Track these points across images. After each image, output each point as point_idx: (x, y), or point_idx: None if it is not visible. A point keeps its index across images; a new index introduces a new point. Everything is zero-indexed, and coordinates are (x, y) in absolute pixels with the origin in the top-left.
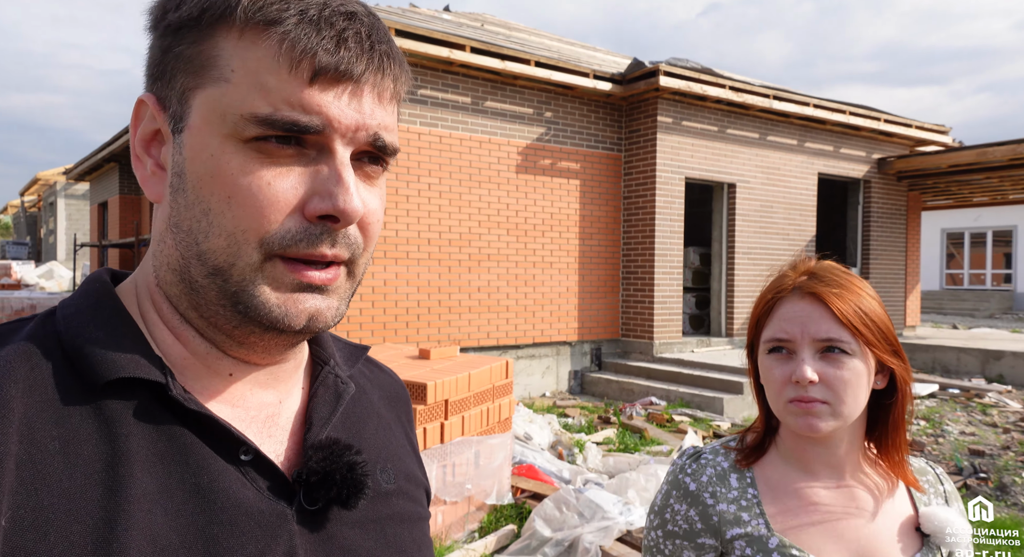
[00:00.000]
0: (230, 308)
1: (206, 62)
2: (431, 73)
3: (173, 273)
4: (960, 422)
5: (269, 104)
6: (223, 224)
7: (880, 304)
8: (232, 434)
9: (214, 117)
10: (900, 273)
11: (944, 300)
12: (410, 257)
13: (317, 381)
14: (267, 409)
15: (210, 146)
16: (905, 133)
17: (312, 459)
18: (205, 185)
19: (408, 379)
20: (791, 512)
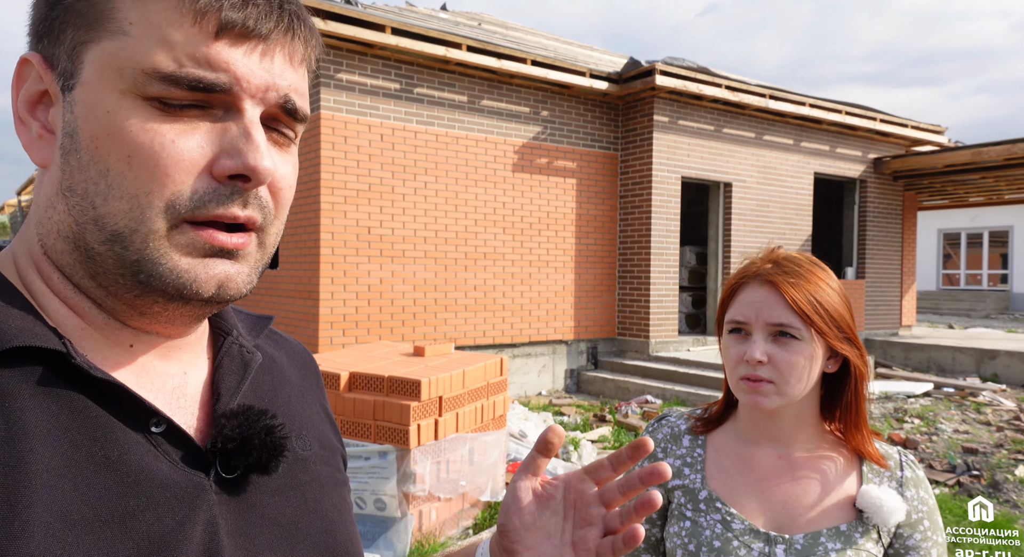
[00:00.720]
0: (129, 277)
1: (101, 14)
2: (428, 72)
3: (66, 241)
4: (954, 420)
5: (173, 60)
6: (123, 186)
7: (840, 294)
8: (143, 404)
9: (110, 72)
10: (896, 273)
11: (940, 300)
12: (406, 255)
13: (221, 352)
14: (172, 379)
15: (106, 102)
16: (901, 133)
17: (226, 426)
18: (102, 144)
19: (402, 376)
20: (727, 472)
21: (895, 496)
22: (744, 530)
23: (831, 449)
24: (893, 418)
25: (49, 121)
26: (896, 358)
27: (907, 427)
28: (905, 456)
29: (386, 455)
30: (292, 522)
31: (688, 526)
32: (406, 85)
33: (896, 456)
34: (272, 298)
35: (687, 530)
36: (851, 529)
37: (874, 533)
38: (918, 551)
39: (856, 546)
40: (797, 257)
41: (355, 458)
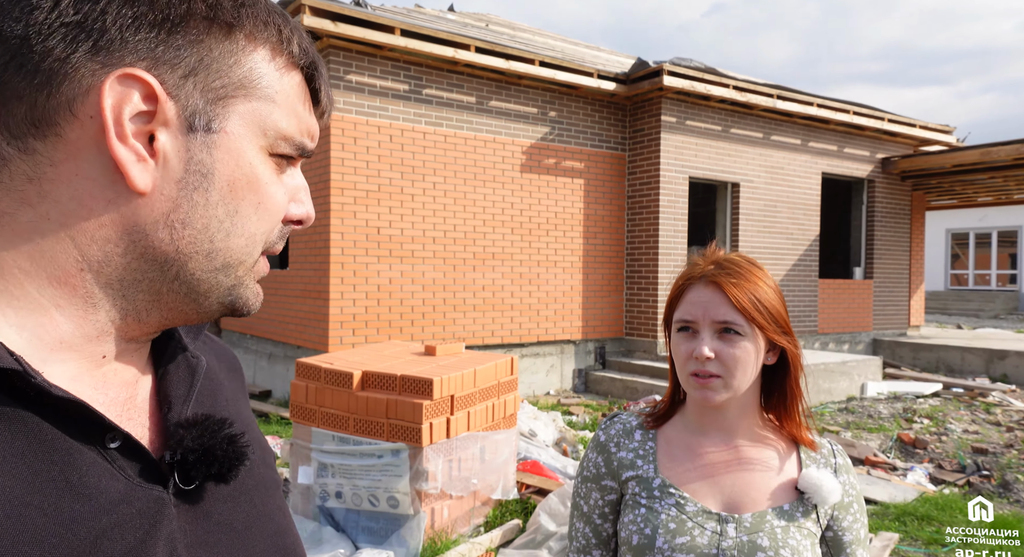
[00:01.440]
0: (215, 299)
1: (251, 76)
2: (436, 73)
3: (150, 263)
4: (963, 421)
5: (298, 130)
6: (246, 226)
7: (775, 291)
8: (102, 421)
9: (256, 129)
10: (904, 273)
11: (949, 300)
12: (415, 256)
13: (165, 357)
14: (126, 390)
15: (248, 154)
16: (909, 133)
17: (186, 437)
18: (240, 189)
19: (414, 375)
20: (678, 462)
21: (832, 478)
22: (697, 512)
23: (772, 436)
24: (902, 418)
25: (158, 147)
26: (905, 358)
27: (916, 427)
28: (835, 445)
29: (399, 453)
30: (246, 527)
31: (643, 512)
32: (415, 86)
33: (828, 445)
34: (282, 298)
35: (642, 516)
36: (793, 508)
37: (813, 513)
38: (851, 531)
39: (798, 523)
40: (736, 258)
41: (368, 456)
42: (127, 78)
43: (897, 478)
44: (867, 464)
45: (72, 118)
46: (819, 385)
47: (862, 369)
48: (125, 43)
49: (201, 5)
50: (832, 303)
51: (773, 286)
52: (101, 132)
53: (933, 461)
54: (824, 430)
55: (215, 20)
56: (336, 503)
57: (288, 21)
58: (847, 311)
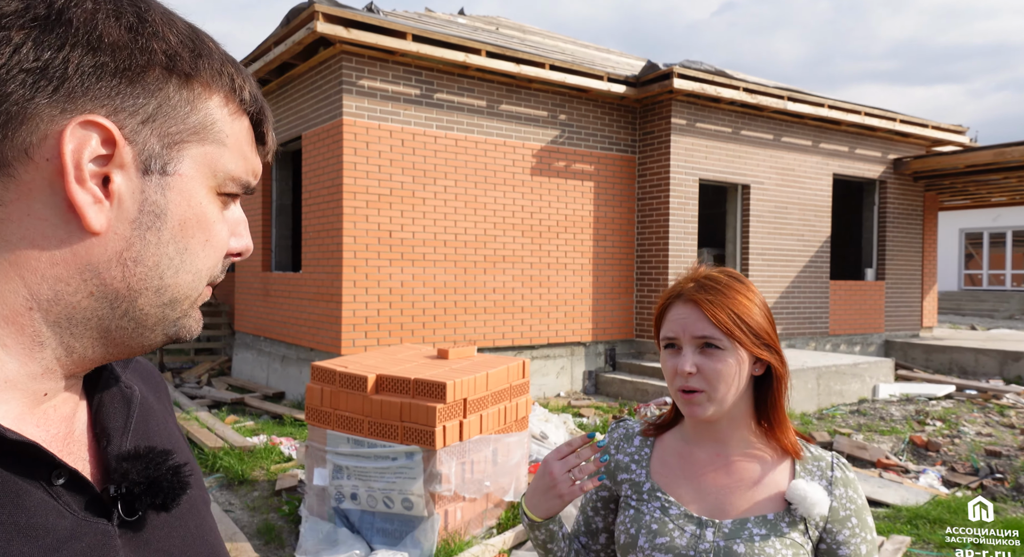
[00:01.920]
0: (161, 331)
1: (205, 122)
2: (447, 77)
3: (100, 301)
4: (977, 423)
5: (245, 171)
6: (194, 263)
7: (758, 305)
8: (51, 460)
9: (206, 170)
10: (916, 274)
11: (963, 301)
12: (426, 258)
13: (98, 387)
14: (65, 424)
15: (198, 194)
16: (921, 133)
17: (131, 471)
18: (190, 228)
19: (427, 378)
20: (669, 468)
21: (820, 491)
22: (679, 515)
23: (766, 446)
24: (915, 420)
25: (113, 189)
26: (917, 360)
27: (929, 429)
28: (837, 459)
29: (412, 456)
30: (182, 551)
31: (632, 514)
32: (426, 91)
33: (828, 458)
34: (295, 301)
35: (630, 517)
36: (778, 518)
37: (801, 525)
38: (848, 545)
39: (781, 534)
40: (717, 275)
41: (382, 458)
42: (88, 124)
43: (909, 481)
44: (879, 467)
45: (27, 160)
46: (830, 387)
47: (874, 371)
48: (87, 90)
49: (161, 56)
50: (843, 304)
51: (756, 301)
52: (57, 174)
53: (946, 464)
54: (836, 432)
55: (174, 70)
56: (351, 505)
57: (240, 70)
58: (859, 312)
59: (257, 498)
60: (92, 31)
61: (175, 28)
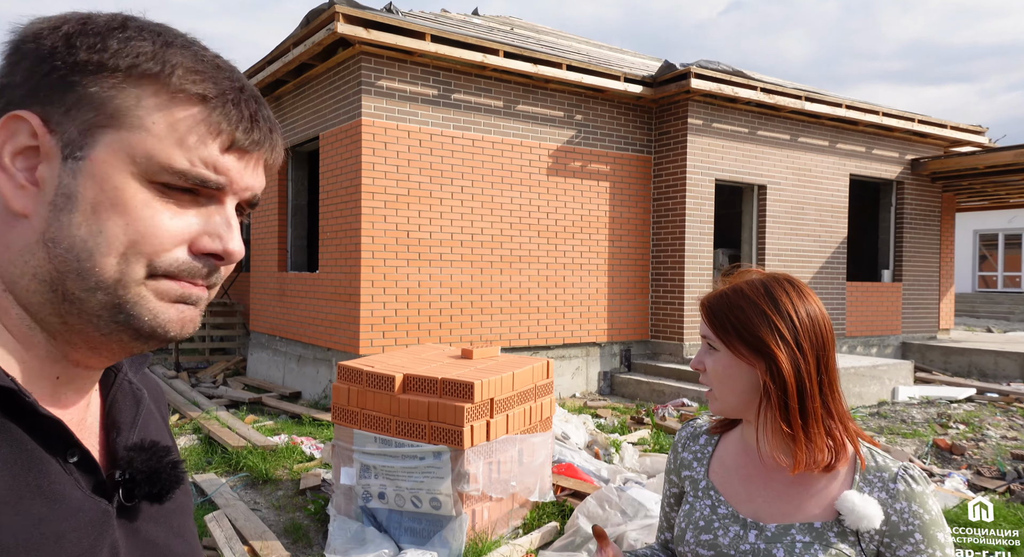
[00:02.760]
0: (107, 318)
1: (121, 108)
2: (464, 77)
3: (41, 283)
4: (1001, 427)
5: (187, 159)
6: (114, 245)
7: (759, 311)
8: (70, 437)
9: (123, 156)
10: (933, 275)
11: (977, 302)
12: (443, 259)
13: (114, 387)
14: (80, 412)
15: (114, 179)
16: (940, 134)
17: (136, 460)
18: (104, 211)
19: (455, 378)
20: (726, 468)
21: (873, 504)
22: (727, 514)
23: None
24: (937, 423)
25: (38, 175)
26: (935, 362)
27: (952, 433)
28: (906, 471)
29: (440, 455)
30: (166, 546)
31: (687, 509)
32: (444, 91)
33: (894, 469)
34: (312, 300)
35: (685, 512)
36: (825, 528)
37: (851, 536)
38: None
39: (827, 543)
40: (739, 283)
41: (410, 458)
42: (15, 118)
43: (936, 484)
44: None
45: None
46: (850, 389)
47: (893, 373)
48: (14, 89)
49: (85, 54)
50: (860, 306)
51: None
52: None
53: (971, 467)
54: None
55: (101, 63)
56: (379, 504)
57: (182, 58)
58: (875, 314)
59: (282, 497)
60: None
61: (110, 23)
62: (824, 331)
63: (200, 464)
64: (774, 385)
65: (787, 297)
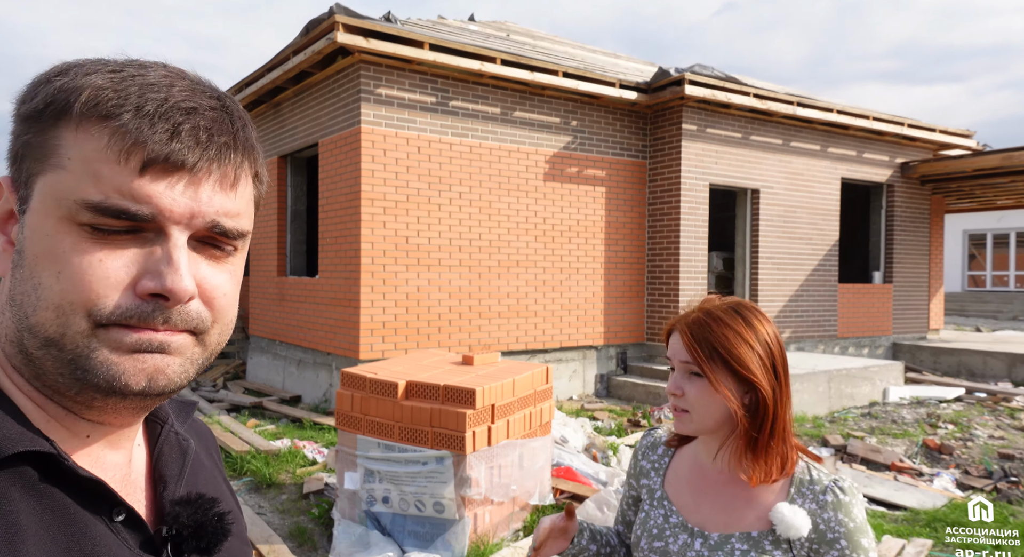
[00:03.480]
0: (68, 376)
1: (48, 150)
2: (462, 85)
3: (12, 345)
4: (988, 426)
5: (100, 192)
6: (50, 297)
7: (748, 341)
8: (114, 498)
9: (51, 201)
10: (923, 277)
11: (966, 302)
12: (442, 264)
13: (160, 439)
14: (121, 469)
15: (45, 226)
16: (929, 137)
17: (182, 514)
18: (39, 262)
19: (456, 385)
20: (681, 478)
21: (801, 515)
22: (677, 524)
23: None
24: (926, 423)
25: (13, 236)
26: (925, 362)
27: (941, 433)
28: (836, 483)
29: (443, 460)
30: None
31: (643, 516)
32: (442, 98)
33: (825, 482)
34: (312, 305)
35: (640, 519)
36: (761, 537)
37: (785, 545)
38: None
39: (763, 550)
40: (712, 309)
41: (413, 463)
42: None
43: (924, 484)
44: (893, 469)
45: None
46: (841, 390)
47: (884, 374)
48: None
49: (23, 107)
50: (851, 307)
51: (748, 335)
52: None
53: (959, 467)
54: (849, 435)
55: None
56: (383, 508)
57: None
58: (866, 315)
59: (286, 501)
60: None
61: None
62: (784, 353)
63: None
64: (755, 410)
65: (760, 324)
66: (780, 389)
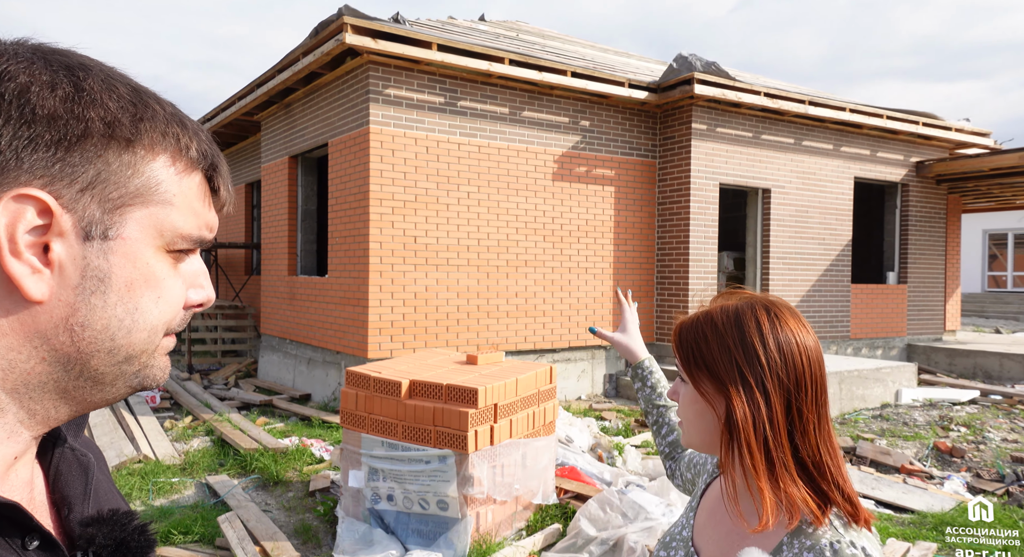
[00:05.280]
0: (122, 384)
1: (148, 185)
2: (471, 85)
3: (51, 366)
4: (1002, 429)
5: (197, 226)
6: (148, 320)
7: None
8: (29, 521)
9: (153, 232)
10: (939, 277)
11: (986, 303)
12: (450, 263)
13: (54, 457)
14: (27, 489)
15: (146, 255)
16: (945, 136)
17: (97, 535)
18: (138, 288)
19: (459, 384)
20: (713, 494)
21: None
22: (684, 538)
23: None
24: (939, 426)
25: (51, 258)
26: (940, 364)
27: (953, 435)
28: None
29: (445, 459)
30: None
31: (676, 519)
32: (450, 99)
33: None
34: (322, 304)
35: (673, 522)
36: None
37: None
38: None
39: None
40: (711, 308)
41: (416, 461)
42: (21, 197)
43: (934, 487)
44: (903, 472)
45: None
46: (852, 391)
47: (896, 375)
48: (21, 163)
49: (99, 124)
50: (865, 308)
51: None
52: None
53: (971, 470)
54: (859, 437)
55: (113, 136)
56: (387, 506)
57: (187, 128)
58: (880, 316)
59: (292, 498)
60: (25, 105)
61: (115, 93)
62: (800, 367)
63: (213, 466)
64: (729, 430)
65: (756, 328)
66: (768, 409)
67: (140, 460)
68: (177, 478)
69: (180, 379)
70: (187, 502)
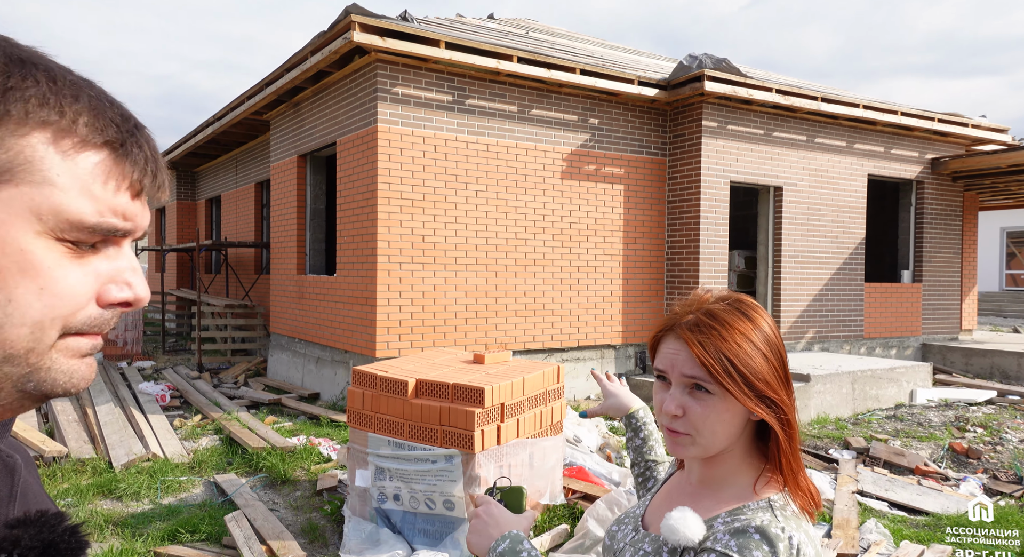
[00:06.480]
0: (11, 388)
1: (16, 160)
2: (479, 83)
3: None
4: (1020, 430)
5: (96, 212)
6: (29, 313)
7: (760, 347)
8: None
9: (27, 215)
10: (955, 276)
11: (1004, 301)
12: (458, 262)
13: None
14: None
15: (19, 241)
16: (961, 132)
17: (23, 537)
18: (11, 278)
19: (465, 383)
20: (676, 477)
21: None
22: (636, 516)
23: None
24: (954, 427)
25: None
26: (956, 364)
27: (969, 436)
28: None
29: (452, 459)
30: None
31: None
32: (458, 97)
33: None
34: (330, 303)
35: (638, 497)
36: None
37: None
38: None
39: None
40: (716, 309)
41: (423, 461)
42: None
43: (949, 489)
44: (917, 473)
45: None
46: (866, 391)
47: (911, 375)
48: None
49: None
50: (879, 307)
51: (758, 339)
52: None
53: (987, 472)
54: (872, 438)
55: None
56: (393, 505)
57: (79, 101)
58: (895, 315)
59: (299, 498)
60: None
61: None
62: (785, 352)
63: (221, 465)
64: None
65: (765, 323)
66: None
67: (149, 458)
68: (185, 476)
69: (190, 378)
70: (195, 500)
